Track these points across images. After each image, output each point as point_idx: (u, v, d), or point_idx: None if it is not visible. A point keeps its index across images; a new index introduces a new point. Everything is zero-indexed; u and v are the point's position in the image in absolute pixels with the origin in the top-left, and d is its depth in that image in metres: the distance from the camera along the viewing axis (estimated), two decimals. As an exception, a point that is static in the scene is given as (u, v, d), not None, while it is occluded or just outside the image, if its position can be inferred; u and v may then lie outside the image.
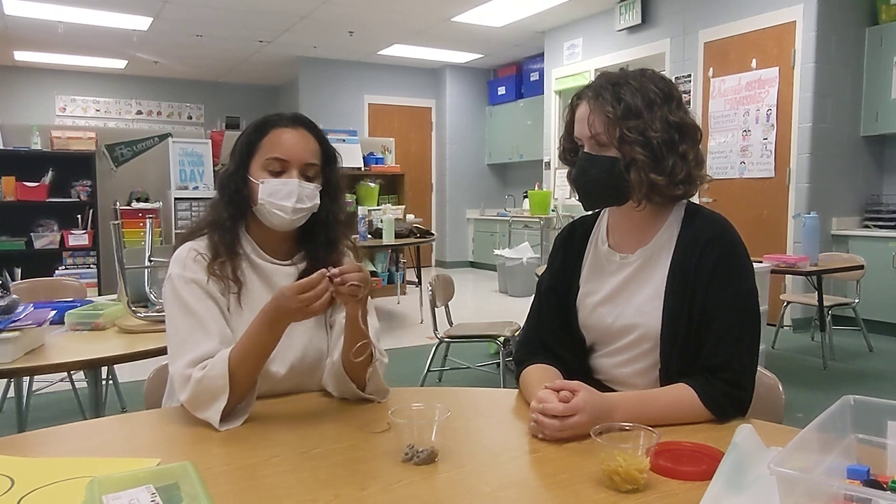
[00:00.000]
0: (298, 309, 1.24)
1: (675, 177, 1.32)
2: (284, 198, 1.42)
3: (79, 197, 6.47)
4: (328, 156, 1.51)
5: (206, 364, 1.29)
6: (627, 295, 1.40)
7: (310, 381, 1.49)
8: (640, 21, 6.94)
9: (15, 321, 1.90)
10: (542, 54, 8.60)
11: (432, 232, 7.32)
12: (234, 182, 1.45)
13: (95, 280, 6.43)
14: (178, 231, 6.30)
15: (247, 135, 1.47)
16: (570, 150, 1.44)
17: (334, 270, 1.27)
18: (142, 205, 6.68)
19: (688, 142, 1.34)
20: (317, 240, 1.52)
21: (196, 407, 1.27)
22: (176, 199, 6.58)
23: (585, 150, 1.37)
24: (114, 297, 2.74)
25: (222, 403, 1.24)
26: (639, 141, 1.30)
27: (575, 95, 1.41)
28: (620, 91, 1.32)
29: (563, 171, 1.55)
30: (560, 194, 8.20)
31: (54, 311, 2.21)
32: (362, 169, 7.35)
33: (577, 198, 1.43)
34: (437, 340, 3.89)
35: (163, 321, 1.46)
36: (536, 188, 8.55)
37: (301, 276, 1.48)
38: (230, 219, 1.45)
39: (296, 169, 1.44)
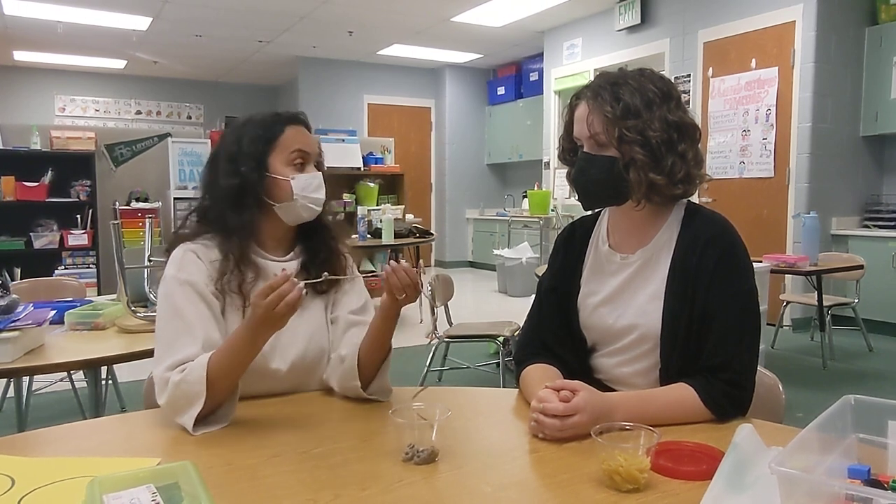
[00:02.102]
0: (266, 314, 1.19)
1: (674, 176, 1.32)
2: (315, 190, 1.45)
3: (78, 197, 6.47)
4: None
5: (185, 367, 1.26)
6: (628, 295, 1.40)
7: (311, 378, 1.49)
8: (639, 21, 6.94)
9: (15, 321, 1.90)
10: (542, 54, 8.60)
11: (432, 232, 7.31)
12: (260, 185, 1.43)
13: (95, 280, 6.42)
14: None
15: (257, 136, 1.44)
16: (569, 150, 1.44)
17: (394, 264, 1.31)
18: (141, 205, 6.67)
19: (687, 141, 1.34)
20: (314, 231, 1.53)
21: (172, 411, 1.25)
22: (175, 198, 6.57)
23: (585, 149, 1.37)
24: (113, 296, 2.74)
25: (197, 409, 1.22)
26: (638, 140, 1.30)
27: (574, 95, 1.41)
28: (619, 91, 1.32)
29: (563, 171, 1.55)
30: (559, 194, 8.20)
31: (54, 311, 2.21)
32: (362, 169, 7.34)
33: (577, 198, 1.43)
34: (437, 340, 3.89)
35: (163, 321, 1.45)
36: (536, 188, 8.55)
37: (302, 269, 1.50)
38: (252, 223, 1.44)
39: (313, 162, 1.47)
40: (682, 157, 1.33)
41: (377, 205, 7.19)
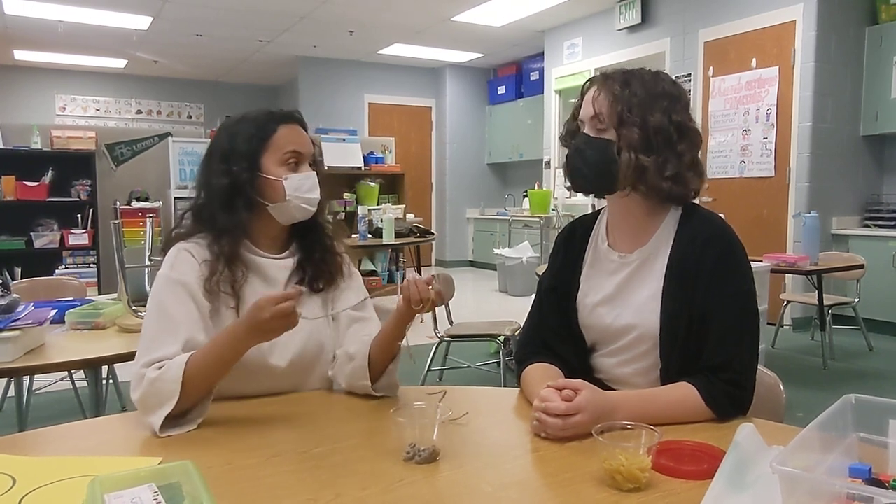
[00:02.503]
0: (271, 320, 1.19)
1: (663, 167, 1.32)
2: (309, 190, 1.44)
3: (79, 196, 6.47)
4: (315, 146, 1.53)
5: (162, 365, 1.25)
6: (626, 295, 1.40)
7: (310, 376, 1.49)
8: (639, 20, 6.94)
9: (15, 320, 1.90)
10: (542, 54, 8.60)
11: (432, 231, 7.31)
12: (251, 186, 1.42)
13: (95, 279, 6.42)
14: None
15: (250, 135, 1.43)
16: (571, 132, 1.45)
17: (414, 277, 1.30)
18: (142, 204, 6.68)
19: (686, 143, 1.35)
20: (309, 230, 1.53)
21: (143, 409, 1.24)
22: (176, 198, 6.56)
23: (585, 130, 1.38)
24: (114, 296, 2.74)
25: (168, 409, 1.21)
26: (636, 122, 1.31)
27: (588, 80, 1.43)
28: (631, 79, 1.35)
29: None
30: (560, 194, 8.20)
31: (55, 311, 2.20)
32: (362, 168, 7.34)
33: (566, 179, 1.44)
34: (438, 340, 3.89)
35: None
36: (536, 187, 8.54)
37: (297, 267, 1.50)
38: (242, 223, 1.43)
39: (307, 162, 1.46)
40: (677, 155, 1.33)
41: (378, 204, 7.20)
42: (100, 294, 5.18)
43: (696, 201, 1.44)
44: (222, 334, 1.27)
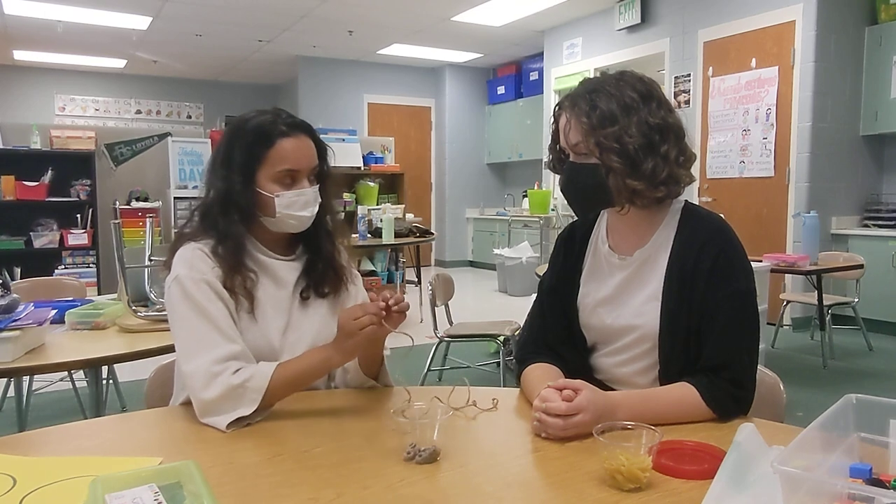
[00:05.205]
0: (352, 332, 1.27)
1: (655, 179, 1.31)
2: (302, 208, 1.44)
3: (78, 196, 6.46)
4: (322, 152, 1.52)
5: (243, 370, 1.28)
6: (626, 296, 1.40)
7: None
8: (639, 20, 6.94)
9: (15, 320, 1.90)
10: (542, 54, 8.60)
11: (432, 231, 7.30)
12: (245, 198, 1.42)
13: (95, 279, 6.42)
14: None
15: (247, 146, 1.42)
16: (557, 159, 1.45)
17: (391, 299, 1.32)
18: (141, 204, 6.66)
19: (670, 141, 1.33)
20: (316, 233, 1.53)
21: (214, 408, 1.25)
22: (175, 198, 6.56)
23: (571, 159, 1.38)
24: (114, 296, 2.74)
25: (242, 413, 1.24)
26: (614, 149, 1.29)
27: (556, 105, 1.41)
28: (596, 98, 1.32)
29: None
30: (559, 194, 8.19)
31: (55, 311, 2.20)
32: (362, 168, 7.33)
33: (568, 204, 1.44)
34: (437, 339, 3.89)
35: (163, 320, 1.46)
36: (536, 187, 8.54)
37: (305, 269, 1.52)
38: (241, 234, 1.44)
39: (305, 177, 1.45)
40: (664, 158, 1.32)
41: (377, 204, 7.19)
42: (99, 294, 5.18)
43: (696, 201, 1.44)
44: (314, 353, 1.35)
